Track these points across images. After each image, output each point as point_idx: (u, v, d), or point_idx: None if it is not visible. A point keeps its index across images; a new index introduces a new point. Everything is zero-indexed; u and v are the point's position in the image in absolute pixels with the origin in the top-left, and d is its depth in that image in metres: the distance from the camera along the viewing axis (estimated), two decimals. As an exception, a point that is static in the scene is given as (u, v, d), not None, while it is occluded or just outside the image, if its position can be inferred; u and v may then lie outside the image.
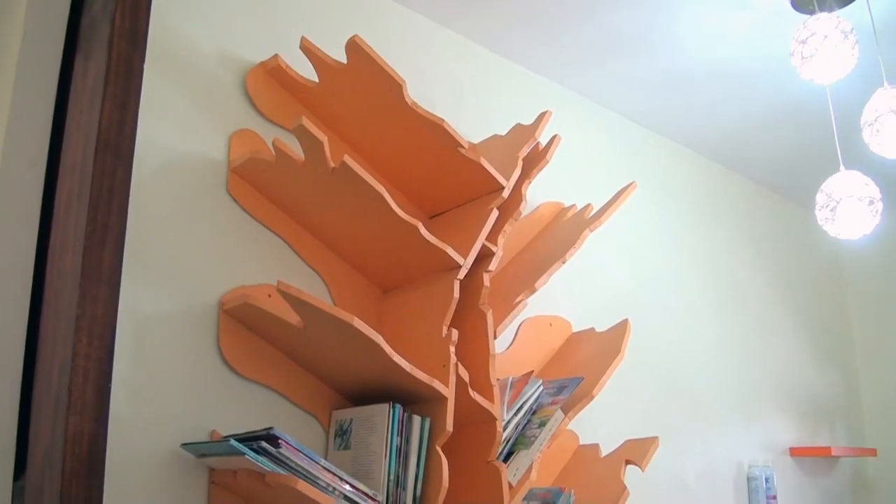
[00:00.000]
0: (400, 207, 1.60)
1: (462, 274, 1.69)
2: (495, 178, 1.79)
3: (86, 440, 0.97)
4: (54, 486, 0.97)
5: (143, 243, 1.53)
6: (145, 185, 1.56)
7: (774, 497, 2.78)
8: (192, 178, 1.64)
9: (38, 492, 1.04)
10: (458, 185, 1.85)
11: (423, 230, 1.62)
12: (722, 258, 3.07)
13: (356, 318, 1.45)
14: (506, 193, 1.80)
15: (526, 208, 1.92)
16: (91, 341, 0.98)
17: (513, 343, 2.15)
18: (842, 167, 2.09)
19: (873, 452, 3.32)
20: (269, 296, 1.66)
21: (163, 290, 1.55)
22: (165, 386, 1.51)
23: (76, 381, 0.96)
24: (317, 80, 1.77)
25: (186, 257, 1.60)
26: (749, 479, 2.81)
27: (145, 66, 1.29)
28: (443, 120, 1.70)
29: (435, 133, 1.73)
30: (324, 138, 1.49)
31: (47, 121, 1.25)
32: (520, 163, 1.85)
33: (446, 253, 1.66)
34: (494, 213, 1.77)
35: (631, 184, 2.15)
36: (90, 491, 0.97)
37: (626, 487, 1.87)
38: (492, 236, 1.80)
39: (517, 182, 1.86)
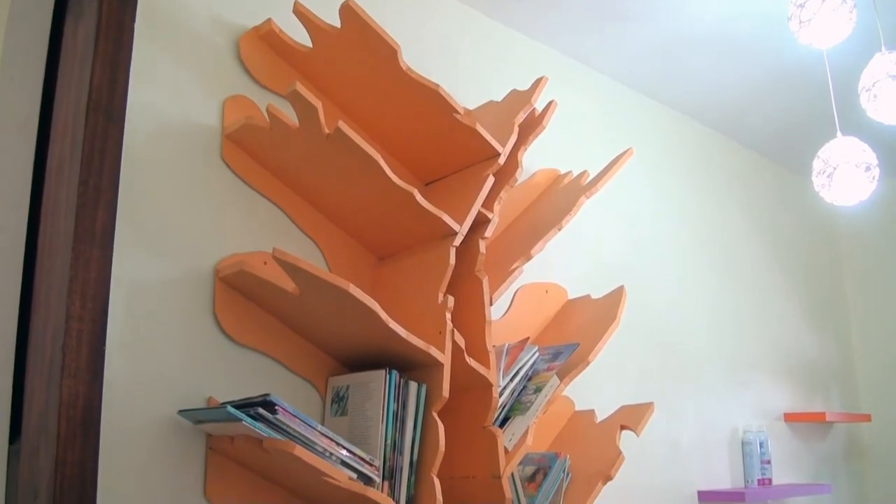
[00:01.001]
0: (395, 174, 1.59)
1: (458, 241, 1.68)
2: (491, 145, 1.78)
3: (80, 403, 0.97)
4: (49, 449, 0.97)
5: (136, 210, 1.52)
6: (138, 150, 1.54)
7: (769, 462, 2.81)
8: (186, 145, 1.62)
9: (33, 455, 1.04)
10: (454, 151, 1.84)
11: (418, 197, 1.61)
12: (718, 225, 3.06)
13: (352, 285, 1.44)
14: (502, 160, 1.79)
15: (522, 175, 1.91)
16: (84, 303, 0.97)
17: (509, 310, 2.15)
18: (839, 133, 2.08)
19: (867, 418, 3.35)
20: (265, 263, 1.66)
21: (157, 257, 1.54)
22: (162, 353, 1.51)
23: (70, 343, 0.95)
24: (310, 45, 1.75)
25: (181, 224, 1.59)
26: (744, 444, 2.83)
27: (137, 31, 1.27)
28: (438, 86, 1.69)
29: (430, 99, 1.71)
30: (318, 104, 1.48)
31: (38, 83, 1.24)
32: (516, 129, 1.83)
33: (442, 220, 1.66)
34: (490, 180, 1.76)
35: (627, 150, 2.14)
36: (85, 454, 0.98)
37: (621, 452, 1.89)
38: (488, 203, 1.79)
39: (513, 148, 1.85)
